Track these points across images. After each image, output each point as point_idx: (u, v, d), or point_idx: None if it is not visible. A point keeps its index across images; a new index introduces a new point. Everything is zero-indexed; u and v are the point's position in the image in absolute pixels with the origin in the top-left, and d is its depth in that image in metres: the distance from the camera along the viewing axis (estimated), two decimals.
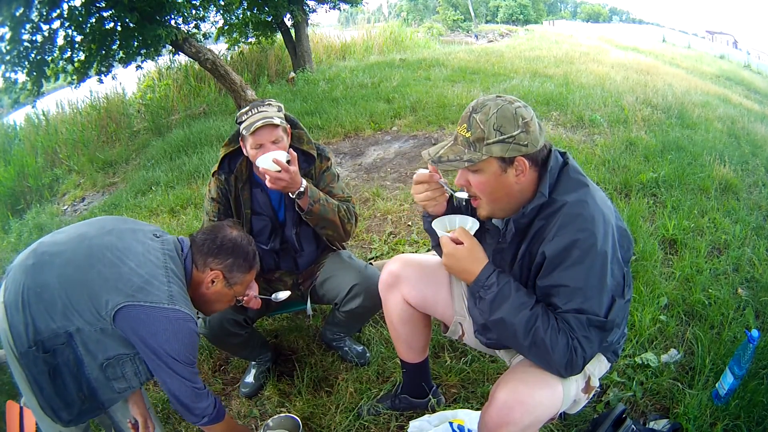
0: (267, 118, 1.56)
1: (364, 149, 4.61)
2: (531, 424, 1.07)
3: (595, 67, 8.01)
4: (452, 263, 1.12)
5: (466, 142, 1.07)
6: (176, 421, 1.84)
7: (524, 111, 1.06)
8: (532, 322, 1.03)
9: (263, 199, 1.76)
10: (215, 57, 6.68)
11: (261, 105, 1.61)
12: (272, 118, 1.57)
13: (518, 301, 1.06)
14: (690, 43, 19.39)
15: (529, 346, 1.04)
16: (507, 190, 1.09)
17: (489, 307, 1.08)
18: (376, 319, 2.18)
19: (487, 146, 1.05)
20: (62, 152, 6.81)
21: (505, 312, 1.06)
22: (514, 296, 1.07)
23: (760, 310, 2.08)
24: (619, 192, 3.16)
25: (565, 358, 1.02)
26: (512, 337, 1.06)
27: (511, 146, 1.04)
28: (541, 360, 1.06)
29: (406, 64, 8.77)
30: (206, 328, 1.69)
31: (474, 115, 1.06)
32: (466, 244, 1.11)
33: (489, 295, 1.08)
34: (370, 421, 1.69)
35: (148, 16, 5.68)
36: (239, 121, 1.62)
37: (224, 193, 1.74)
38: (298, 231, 1.81)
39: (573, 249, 1.02)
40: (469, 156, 1.06)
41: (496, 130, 1.04)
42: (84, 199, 5.16)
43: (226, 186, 1.72)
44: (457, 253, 1.11)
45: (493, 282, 1.08)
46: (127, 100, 8.68)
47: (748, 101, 7.40)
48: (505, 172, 1.07)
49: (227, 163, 1.72)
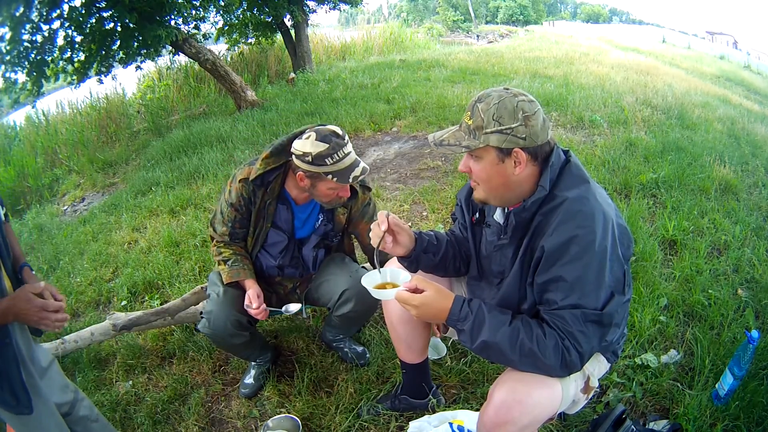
0: (365, 166, 1.57)
1: (364, 150, 4.61)
2: (529, 423, 1.07)
3: (595, 67, 8.01)
4: (425, 312, 1.10)
5: (468, 129, 1.09)
6: (176, 421, 1.84)
7: (527, 105, 1.06)
8: (515, 336, 1.04)
9: (286, 216, 1.76)
10: (215, 57, 6.69)
11: (344, 142, 1.54)
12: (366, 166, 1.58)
13: (495, 321, 1.07)
14: (690, 44, 19.40)
15: (519, 359, 1.05)
16: (504, 179, 1.10)
17: (470, 336, 1.08)
18: (376, 320, 2.18)
19: (485, 135, 1.06)
20: (62, 152, 6.81)
21: (486, 335, 1.06)
22: (489, 318, 1.07)
23: (759, 310, 2.08)
24: (619, 193, 3.17)
25: (558, 360, 1.02)
26: (501, 355, 1.07)
27: (509, 137, 1.05)
28: (537, 369, 1.06)
29: (406, 64, 8.78)
30: (209, 328, 1.68)
31: (477, 104, 1.08)
32: (430, 288, 1.11)
33: (467, 325, 1.08)
34: (370, 421, 1.69)
35: (147, 17, 5.69)
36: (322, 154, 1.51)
37: (247, 203, 1.71)
38: (317, 253, 1.86)
39: (572, 244, 1.02)
40: (467, 142, 1.09)
41: (494, 120, 1.05)
42: (84, 200, 5.16)
43: (252, 197, 1.70)
44: (427, 300, 1.10)
45: (467, 312, 1.09)
46: (127, 101, 8.69)
47: (748, 102, 7.40)
48: (503, 162, 1.08)
49: (260, 178, 1.67)
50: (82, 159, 6.26)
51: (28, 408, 1.23)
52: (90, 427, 1.49)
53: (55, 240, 3.90)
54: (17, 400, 1.21)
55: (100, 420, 1.55)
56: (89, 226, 3.91)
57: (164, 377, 2.06)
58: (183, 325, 2.29)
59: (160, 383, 2.04)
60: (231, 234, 1.77)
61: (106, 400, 1.97)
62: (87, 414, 1.49)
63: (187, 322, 2.25)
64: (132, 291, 2.76)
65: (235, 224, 1.75)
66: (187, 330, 2.28)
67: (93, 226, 3.89)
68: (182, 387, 1.99)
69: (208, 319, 1.69)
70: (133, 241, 3.45)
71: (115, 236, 3.57)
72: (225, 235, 1.77)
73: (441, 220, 3.02)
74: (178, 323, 2.25)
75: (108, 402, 1.96)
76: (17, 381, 1.21)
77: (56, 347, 2.15)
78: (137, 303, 2.68)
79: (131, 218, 3.81)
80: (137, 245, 3.33)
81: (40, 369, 1.37)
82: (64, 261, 3.38)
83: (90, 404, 1.53)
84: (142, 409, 1.91)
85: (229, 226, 1.75)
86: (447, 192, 3.38)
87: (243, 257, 1.78)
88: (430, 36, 18.81)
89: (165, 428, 1.83)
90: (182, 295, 2.24)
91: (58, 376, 1.44)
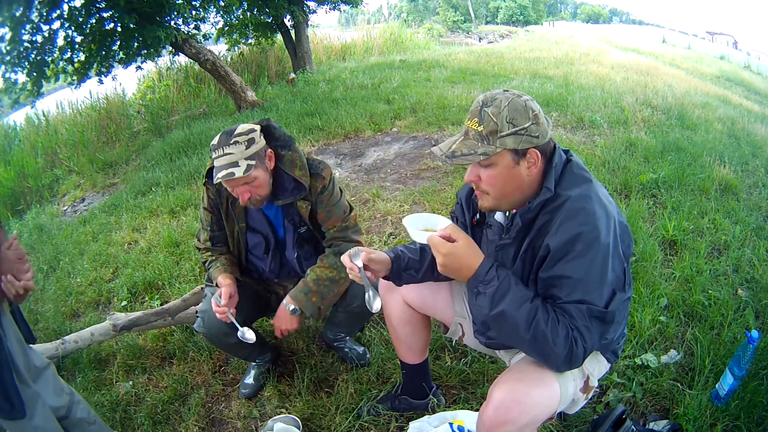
0: (231, 166, 1.47)
1: (364, 150, 4.61)
2: (528, 423, 1.07)
3: (595, 68, 8.01)
4: (451, 262, 1.08)
5: (479, 136, 1.07)
6: (176, 421, 1.84)
7: (532, 104, 1.07)
8: (533, 314, 1.02)
9: (258, 216, 1.72)
10: (215, 58, 6.70)
11: (227, 142, 1.49)
12: (235, 167, 1.46)
13: (519, 294, 1.05)
14: (690, 44, 19.39)
15: (530, 339, 1.03)
16: (518, 183, 1.10)
17: (490, 302, 1.06)
18: (376, 320, 2.18)
19: (500, 139, 1.05)
20: (62, 153, 6.81)
21: (506, 305, 1.04)
22: (515, 289, 1.06)
23: (760, 310, 2.08)
24: (619, 193, 3.16)
25: (566, 350, 1.01)
26: (513, 331, 1.05)
27: (524, 138, 1.05)
28: (541, 354, 1.04)
29: (406, 65, 8.77)
30: (204, 327, 1.68)
31: (485, 109, 1.06)
32: (462, 240, 1.09)
33: (489, 289, 1.06)
34: (370, 421, 1.69)
35: (147, 17, 5.69)
36: (211, 149, 1.54)
37: (215, 204, 1.71)
38: (300, 254, 1.79)
39: (576, 242, 1.02)
40: (483, 149, 1.06)
41: (508, 122, 1.04)
42: (84, 200, 5.16)
43: (217, 197, 1.70)
44: (456, 251, 1.08)
45: (493, 276, 1.07)
46: (127, 101, 8.69)
47: (748, 102, 7.40)
48: (518, 164, 1.08)
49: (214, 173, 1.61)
50: (82, 159, 6.26)
51: (21, 413, 1.23)
52: (87, 430, 1.49)
53: (55, 240, 3.89)
54: (11, 405, 1.22)
55: (98, 422, 1.55)
56: (89, 227, 3.92)
57: (164, 377, 2.06)
58: (183, 326, 2.29)
59: (160, 383, 2.04)
60: (212, 238, 1.76)
61: (106, 401, 1.97)
62: (84, 417, 1.49)
63: (187, 323, 2.25)
64: (132, 291, 2.76)
65: (213, 226, 1.74)
66: (187, 330, 2.27)
67: (93, 227, 3.89)
68: (182, 387, 1.99)
69: (202, 318, 1.69)
70: (133, 241, 3.45)
71: (115, 236, 3.57)
72: (207, 241, 1.77)
73: None
74: (179, 323, 2.25)
75: (108, 402, 1.96)
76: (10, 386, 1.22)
77: (56, 347, 2.15)
78: (137, 303, 2.68)
79: (131, 218, 3.82)
80: (137, 245, 3.33)
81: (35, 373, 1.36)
82: (64, 261, 3.38)
83: (87, 407, 1.53)
84: (142, 409, 1.91)
85: (208, 231, 1.75)
86: (447, 192, 3.38)
87: (222, 258, 1.76)
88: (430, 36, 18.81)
89: (165, 428, 1.83)
90: (182, 296, 2.24)
91: (53, 379, 1.44)
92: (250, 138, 1.52)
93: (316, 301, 1.67)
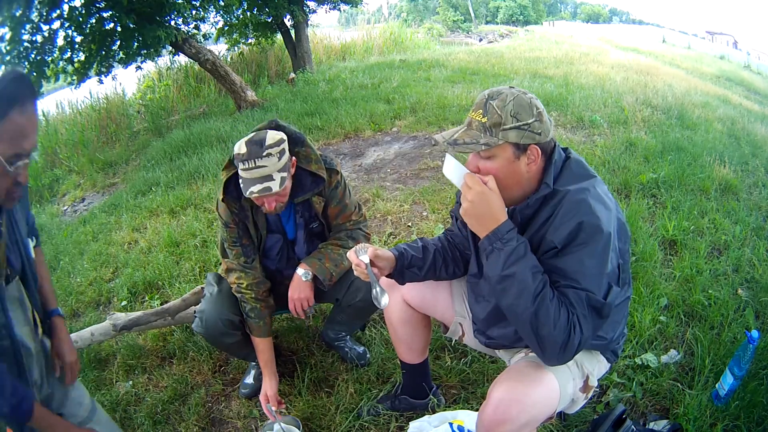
0: (265, 180, 1.45)
1: (364, 150, 4.61)
2: (528, 422, 1.07)
3: (594, 67, 8.01)
4: (480, 202, 1.06)
5: (482, 127, 1.08)
6: (176, 421, 1.84)
7: (537, 102, 1.08)
8: (540, 287, 1.01)
9: (273, 218, 1.73)
10: (215, 58, 6.69)
11: (259, 154, 1.44)
12: (270, 181, 1.45)
13: (533, 263, 1.04)
14: (690, 44, 19.40)
15: (533, 313, 1.00)
16: (517, 177, 1.10)
17: (504, 260, 1.04)
18: (376, 320, 2.18)
19: (503, 131, 1.06)
20: (62, 153, 6.81)
21: (519, 268, 1.03)
22: (530, 256, 1.05)
23: (760, 310, 2.08)
24: (619, 193, 3.17)
25: (565, 335, 0.99)
26: (518, 297, 1.02)
27: (526, 133, 1.06)
28: (538, 335, 1.01)
29: (406, 64, 8.77)
30: (202, 327, 1.69)
31: (490, 101, 1.07)
32: (495, 190, 1.08)
33: (507, 247, 1.05)
34: (370, 421, 1.69)
35: (147, 17, 5.69)
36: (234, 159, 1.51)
37: (240, 218, 1.67)
38: (309, 250, 1.79)
39: (580, 231, 1.02)
40: (485, 140, 1.07)
41: (512, 116, 1.05)
42: (84, 200, 5.16)
43: (239, 210, 1.66)
44: (489, 195, 1.06)
45: (513, 236, 1.06)
46: (127, 101, 8.69)
47: (748, 102, 7.40)
48: (518, 159, 1.08)
49: (233, 186, 1.61)
50: (82, 159, 6.26)
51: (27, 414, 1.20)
52: None
53: (55, 240, 3.90)
54: None
55: None
56: (89, 227, 3.91)
57: (164, 377, 2.06)
58: (183, 326, 2.29)
59: (160, 383, 2.04)
60: (244, 253, 1.71)
61: (106, 401, 1.96)
62: None
63: (187, 323, 2.25)
64: (132, 291, 2.76)
65: (242, 240, 1.70)
66: (187, 330, 2.27)
67: (93, 227, 3.89)
68: (182, 387, 1.99)
69: (200, 318, 1.69)
70: (133, 241, 3.45)
71: (115, 236, 3.57)
72: (240, 257, 1.70)
73: (441, 220, 3.02)
74: (179, 323, 2.25)
75: (108, 402, 1.96)
76: None
77: None
78: (137, 303, 2.68)
79: (131, 218, 3.82)
80: (137, 245, 3.33)
81: None
82: (64, 261, 3.38)
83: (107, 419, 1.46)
84: (142, 409, 1.91)
85: (237, 246, 1.70)
86: (447, 192, 3.38)
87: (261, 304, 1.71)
88: (430, 36, 18.79)
89: (165, 428, 1.83)
90: (182, 296, 2.24)
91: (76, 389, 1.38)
92: (282, 149, 1.50)
93: (329, 266, 1.68)
